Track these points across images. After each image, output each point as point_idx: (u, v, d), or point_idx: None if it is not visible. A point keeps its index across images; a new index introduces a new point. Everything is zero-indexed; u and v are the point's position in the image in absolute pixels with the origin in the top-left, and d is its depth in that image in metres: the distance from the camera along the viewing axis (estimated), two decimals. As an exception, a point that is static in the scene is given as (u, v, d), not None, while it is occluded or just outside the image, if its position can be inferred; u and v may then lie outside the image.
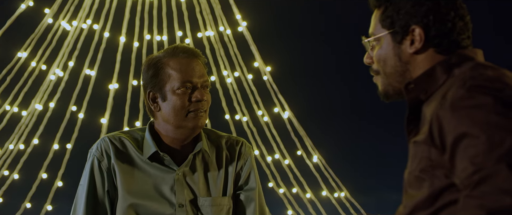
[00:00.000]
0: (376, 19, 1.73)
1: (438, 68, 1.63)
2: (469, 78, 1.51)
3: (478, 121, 1.43)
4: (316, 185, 7.98)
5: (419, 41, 1.65)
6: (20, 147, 7.68)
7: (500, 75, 1.51)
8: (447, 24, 1.64)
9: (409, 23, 1.66)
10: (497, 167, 1.38)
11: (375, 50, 1.72)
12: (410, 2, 1.67)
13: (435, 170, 1.52)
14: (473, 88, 1.47)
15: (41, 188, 7.57)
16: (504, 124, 1.41)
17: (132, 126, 7.66)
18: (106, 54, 7.81)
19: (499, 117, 1.42)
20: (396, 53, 1.68)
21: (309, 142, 7.95)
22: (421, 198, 1.55)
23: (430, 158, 1.53)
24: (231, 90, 7.95)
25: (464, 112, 1.45)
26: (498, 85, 1.47)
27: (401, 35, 1.67)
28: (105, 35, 7.82)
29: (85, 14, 7.84)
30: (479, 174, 1.40)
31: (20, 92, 7.67)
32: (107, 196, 2.30)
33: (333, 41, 8.27)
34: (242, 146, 2.40)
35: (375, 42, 1.72)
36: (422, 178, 1.55)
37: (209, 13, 7.93)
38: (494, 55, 2.21)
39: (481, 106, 1.44)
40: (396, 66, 1.68)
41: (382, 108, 7.74)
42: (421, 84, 1.64)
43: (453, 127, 1.46)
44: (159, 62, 2.28)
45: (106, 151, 2.31)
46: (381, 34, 1.70)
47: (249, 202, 2.37)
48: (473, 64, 1.59)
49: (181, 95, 2.24)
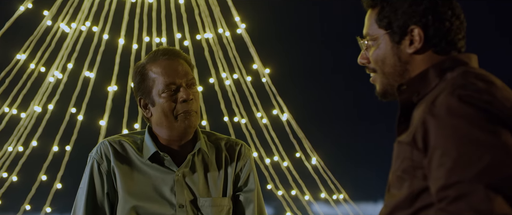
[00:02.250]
0: (372, 19, 1.71)
1: (431, 71, 1.63)
2: (459, 86, 1.51)
3: (460, 133, 1.43)
4: (314, 187, 7.99)
5: (419, 41, 1.64)
6: (19, 149, 7.68)
7: (490, 87, 1.50)
8: (445, 23, 1.64)
9: (408, 23, 1.64)
10: (474, 185, 1.38)
11: (372, 50, 1.71)
12: (408, 1, 1.65)
13: (415, 171, 1.52)
14: (461, 98, 1.47)
15: (40, 190, 7.57)
16: (486, 139, 1.41)
17: (131, 128, 7.67)
18: (105, 57, 7.81)
19: (481, 131, 1.42)
20: (395, 53, 1.67)
21: (307, 144, 7.96)
22: (401, 198, 1.55)
23: (412, 158, 1.53)
24: (230, 92, 7.95)
25: (449, 121, 1.45)
26: (486, 97, 1.47)
27: (399, 35, 1.65)
28: (104, 37, 7.83)
29: (84, 16, 7.84)
30: (456, 190, 1.40)
31: (19, 94, 7.67)
32: (107, 199, 2.31)
33: (332, 43, 8.28)
34: (241, 148, 2.41)
35: (372, 42, 1.71)
36: (403, 178, 1.56)
37: (208, 15, 7.94)
38: (496, 55, 2.21)
39: (466, 118, 1.44)
40: (395, 66, 1.67)
41: (381, 110, 7.75)
42: (414, 86, 1.64)
43: (436, 135, 1.47)
44: (143, 69, 2.29)
45: (105, 154, 2.32)
46: (378, 34, 1.69)
47: (248, 204, 2.38)
48: (464, 71, 1.58)
49: (167, 98, 2.24)
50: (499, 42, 7.70)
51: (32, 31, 7.71)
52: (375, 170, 8.09)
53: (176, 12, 7.93)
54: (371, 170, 8.17)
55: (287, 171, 7.98)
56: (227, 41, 7.95)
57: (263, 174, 7.81)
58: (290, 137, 7.94)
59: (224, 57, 7.96)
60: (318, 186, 7.98)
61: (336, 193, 7.98)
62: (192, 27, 7.96)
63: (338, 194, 7.99)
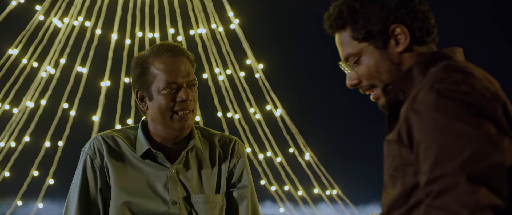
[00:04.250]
0: (346, 38, 1.68)
1: (415, 68, 1.62)
2: (438, 80, 1.51)
3: (440, 127, 1.43)
4: (308, 182, 8.00)
5: (405, 37, 1.63)
6: (11, 145, 7.65)
7: (468, 77, 1.50)
8: (418, 14, 1.63)
9: (387, 25, 1.63)
10: (457, 178, 1.38)
11: (361, 67, 1.67)
12: (377, 5, 1.64)
13: (406, 168, 1.53)
14: (439, 91, 1.47)
15: (32, 186, 7.55)
16: (466, 131, 1.41)
17: (124, 123, 7.65)
18: (98, 52, 7.79)
19: (461, 123, 1.42)
20: (386, 58, 1.65)
21: (301, 140, 7.96)
22: (395, 197, 1.55)
23: (401, 156, 1.53)
24: (223, 88, 7.94)
25: (428, 115, 1.45)
26: (464, 88, 1.46)
27: (382, 40, 1.63)
28: (97, 33, 7.80)
29: (77, 11, 7.81)
30: (440, 183, 1.40)
31: (11, 89, 7.64)
32: (100, 195, 2.30)
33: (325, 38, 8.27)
34: (235, 144, 2.41)
35: (356, 59, 1.68)
36: (395, 176, 1.56)
37: (201, 10, 7.92)
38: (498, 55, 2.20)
39: (444, 111, 1.44)
40: (390, 70, 1.65)
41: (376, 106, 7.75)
42: (399, 85, 1.63)
43: (418, 130, 1.47)
44: (145, 62, 2.27)
45: (99, 149, 2.31)
46: (361, 47, 1.66)
47: (241, 200, 2.38)
48: (445, 64, 1.58)
49: (166, 95, 2.23)
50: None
51: (24, 26, 7.67)
52: (368, 166, 8.10)
53: (169, 7, 7.91)
54: (364, 165, 8.19)
55: (281, 166, 7.98)
56: (221, 37, 7.93)
57: (257, 169, 7.81)
58: (283, 132, 7.94)
59: (218, 52, 7.95)
60: (311, 182, 7.99)
61: (329, 188, 7.99)
62: (185, 22, 7.94)
63: (331, 189, 8.00)
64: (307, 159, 7.94)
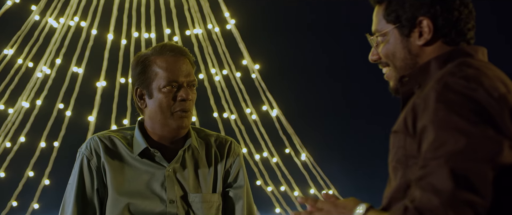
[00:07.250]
0: (380, 15, 1.71)
1: (433, 63, 1.63)
2: (448, 73, 1.52)
3: (439, 118, 1.44)
4: (304, 183, 8.00)
5: (428, 32, 1.63)
6: (6, 145, 7.63)
7: (478, 75, 1.50)
8: (454, 13, 1.63)
9: (416, 15, 1.63)
10: (440, 166, 1.39)
11: (381, 46, 1.70)
12: None
13: (408, 160, 1.54)
14: (447, 84, 1.48)
15: (28, 186, 7.53)
16: (462, 126, 1.42)
17: (120, 123, 7.64)
18: (93, 52, 7.77)
19: (459, 118, 1.42)
20: (405, 46, 1.66)
21: (297, 140, 7.96)
22: (395, 188, 1.57)
23: (405, 147, 1.54)
24: (219, 88, 7.94)
25: (432, 105, 1.47)
26: (473, 85, 1.47)
27: (408, 28, 1.65)
28: (93, 33, 7.79)
29: (73, 11, 7.80)
30: (424, 169, 1.42)
31: (6, 89, 7.62)
32: (97, 195, 2.30)
33: (322, 39, 8.28)
34: (231, 144, 2.43)
35: (381, 38, 1.71)
36: (397, 168, 1.57)
37: (197, 10, 7.92)
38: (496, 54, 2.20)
39: (447, 104, 1.45)
40: (406, 59, 1.66)
41: (372, 106, 7.77)
42: (416, 78, 1.64)
43: (422, 118, 1.49)
44: (147, 60, 2.29)
45: (95, 149, 2.31)
46: (387, 29, 1.68)
47: (237, 200, 2.39)
48: (462, 61, 1.58)
49: (166, 93, 2.25)
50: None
51: (20, 26, 7.66)
52: (365, 166, 8.11)
53: (165, 7, 7.91)
54: (361, 166, 8.19)
55: (277, 167, 7.98)
56: (217, 37, 7.93)
57: (253, 170, 7.81)
58: (279, 133, 7.94)
59: (214, 53, 7.95)
60: (308, 182, 8.00)
61: (326, 189, 7.99)
62: (181, 22, 7.94)
63: (327, 190, 8.00)
64: (303, 159, 7.94)
